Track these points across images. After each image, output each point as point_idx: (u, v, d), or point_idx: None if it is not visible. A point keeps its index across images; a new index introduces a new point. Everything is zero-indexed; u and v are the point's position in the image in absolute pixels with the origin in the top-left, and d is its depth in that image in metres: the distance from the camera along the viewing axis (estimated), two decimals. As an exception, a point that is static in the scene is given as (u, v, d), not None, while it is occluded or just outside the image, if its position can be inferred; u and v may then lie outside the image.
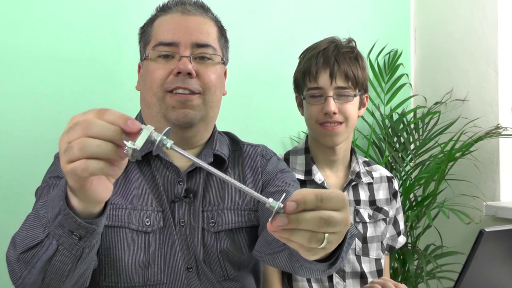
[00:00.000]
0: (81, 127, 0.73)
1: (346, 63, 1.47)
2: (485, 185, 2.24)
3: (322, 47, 1.51)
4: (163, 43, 1.16)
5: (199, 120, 1.18)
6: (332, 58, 1.47)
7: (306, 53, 1.55)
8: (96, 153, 0.71)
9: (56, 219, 0.81)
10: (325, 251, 0.76)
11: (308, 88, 1.50)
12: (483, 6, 2.26)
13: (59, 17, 1.67)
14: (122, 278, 1.10)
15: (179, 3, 1.21)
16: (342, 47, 1.51)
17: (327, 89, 1.47)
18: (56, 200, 0.82)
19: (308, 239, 0.69)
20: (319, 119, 1.49)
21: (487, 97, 2.25)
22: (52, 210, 0.82)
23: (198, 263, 1.16)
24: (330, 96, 1.46)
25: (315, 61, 1.48)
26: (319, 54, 1.49)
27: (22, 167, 1.60)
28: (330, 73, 1.46)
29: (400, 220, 1.64)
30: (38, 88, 1.63)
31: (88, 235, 0.82)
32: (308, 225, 0.68)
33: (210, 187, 1.21)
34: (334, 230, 0.71)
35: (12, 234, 1.62)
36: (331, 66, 1.46)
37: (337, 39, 1.55)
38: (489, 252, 1.06)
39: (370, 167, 1.63)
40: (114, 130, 0.72)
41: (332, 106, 1.45)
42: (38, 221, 0.86)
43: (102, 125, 0.72)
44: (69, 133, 0.74)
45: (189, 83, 1.14)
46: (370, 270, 1.53)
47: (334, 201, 0.70)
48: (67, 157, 0.73)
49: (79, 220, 0.80)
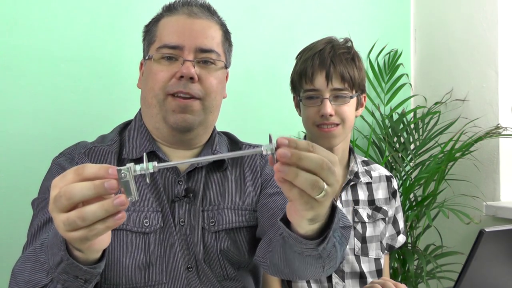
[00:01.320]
0: (65, 198, 0.72)
1: (343, 65, 1.47)
2: (485, 185, 2.24)
3: (319, 48, 1.50)
4: (168, 46, 1.15)
5: (198, 125, 1.18)
6: (328, 59, 1.47)
7: (303, 54, 1.55)
8: (97, 217, 0.72)
9: (59, 266, 0.81)
10: (319, 207, 0.76)
11: (305, 90, 1.49)
12: (483, 6, 2.26)
13: (59, 17, 1.67)
14: (123, 279, 1.11)
15: (185, 4, 1.21)
16: (338, 48, 1.50)
17: (323, 91, 1.46)
18: (55, 248, 0.82)
19: (311, 184, 0.71)
20: (316, 121, 1.48)
21: (487, 97, 2.25)
22: (53, 258, 0.82)
23: (198, 262, 1.16)
24: (326, 98, 1.46)
25: (311, 63, 1.48)
26: (315, 56, 1.48)
27: (22, 167, 1.60)
28: (326, 75, 1.46)
29: (400, 219, 1.64)
30: (38, 87, 1.63)
31: (93, 277, 0.84)
32: (311, 164, 0.71)
33: (209, 186, 1.21)
34: (331, 179, 0.73)
35: (12, 233, 1.63)
36: (327, 67, 1.46)
37: (334, 39, 1.54)
38: (489, 252, 1.06)
39: (369, 167, 1.63)
40: (97, 186, 0.71)
41: (328, 108, 1.45)
42: (39, 265, 0.86)
43: (83, 188, 0.71)
44: (58, 206, 0.73)
45: (191, 88, 1.14)
46: (370, 270, 1.53)
47: (326, 151, 0.74)
48: (70, 227, 0.73)
49: (84, 267, 0.81)
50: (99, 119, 1.71)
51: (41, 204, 1.11)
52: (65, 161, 1.16)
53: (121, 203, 0.71)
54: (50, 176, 1.16)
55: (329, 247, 0.92)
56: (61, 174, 0.74)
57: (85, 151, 1.18)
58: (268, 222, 1.16)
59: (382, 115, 2.35)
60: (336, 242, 0.94)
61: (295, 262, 1.00)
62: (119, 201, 0.71)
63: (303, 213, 0.78)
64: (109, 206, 0.71)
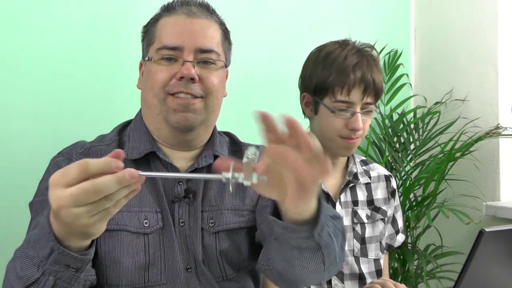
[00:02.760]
0: (94, 193, 0.72)
1: (378, 79, 1.45)
2: (485, 185, 2.24)
3: (355, 60, 1.44)
4: (167, 47, 1.15)
5: (200, 124, 1.18)
6: (369, 75, 1.44)
7: (328, 57, 1.47)
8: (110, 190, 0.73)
9: (50, 258, 0.81)
10: (312, 193, 0.81)
11: (337, 100, 1.44)
12: (483, 6, 2.26)
13: (59, 17, 1.67)
14: (123, 280, 1.10)
15: (184, 3, 1.20)
16: (371, 58, 1.47)
17: (356, 104, 1.44)
18: (43, 240, 0.82)
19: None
20: (343, 134, 1.45)
21: (487, 97, 2.25)
22: (42, 250, 0.82)
23: (197, 263, 1.15)
24: (358, 112, 1.44)
25: (353, 75, 1.42)
26: (355, 67, 1.43)
27: (22, 167, 1.60)
28: (364, 90, 1.43)
29: (399, 218, 1.63)
30: (38, 87, 1.63)
31: (85, 265, 0.84)
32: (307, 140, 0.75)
33: (209, 187, 1.21)
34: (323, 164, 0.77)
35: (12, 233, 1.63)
36: (366, 83, 1.43)
37: (361, 49, 1.49)
38: (489, 252, 1.06)
39: (368, 166, 1.61)
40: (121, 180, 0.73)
41: (361, 123, 1.44)
42: (29, 260, 0.85)
43: (109, 183, 0.72)
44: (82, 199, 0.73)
45: (192, 88, 1.14)
46: (369, 270, 1.52)
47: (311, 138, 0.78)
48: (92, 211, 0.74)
49: (75, 255, 0.81)
50: (99, 119, 1.71)
51: (39, 206, 1.10)
52: (63, 161, 1.16)
53: (132, 175, 0.72)
54: (48, 176, 1.15)
55: (325, 235, 0.92)
56: (61, 172, 0.74)
57: (83, 151, 1.18)
58: (269, 226, 1.15)
59: (382, 115, 2.35)
60: (331, 232, 0.95)
61: (295, 263, 0.99)
62: (131, 173, 0.72)
63: (298, 201, 0.83)
64: (123, 177, 0.71)
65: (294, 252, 0.96)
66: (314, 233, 0.89)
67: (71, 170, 0.72)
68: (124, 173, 0.71)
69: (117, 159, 0.72)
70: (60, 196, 0.73)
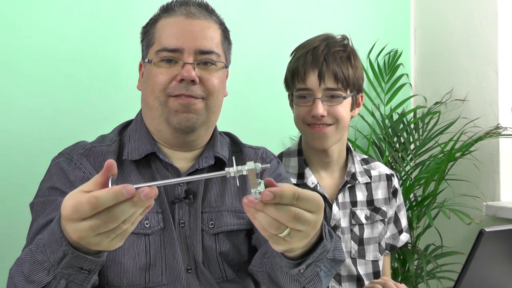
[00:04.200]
0: (111, 221, 0.73)
1: (336, 63, 1.42)
2: (485, 185, 2.24)
3: (313, 45, 1.45)
4: (167, 49, 1.15)
5: (201, 125, 1.18)
6: (321, 58, 1.41)
7: (297, 51, 1.50)
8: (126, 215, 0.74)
9: (62, 261, 0.81)
10: (288, 244, 0.79)
11: (297, 88, 1.45)
12: (483, 6, 2.26)
13: (59, 17, 1.66)
14: (124, 281, 1.10)
15: (183, 4, 1.19)
16: (334, 45, 1.45)
17: (315, 90, 1.42)
18: (53, 245, 0.81)
19: (268, 224, 0.74)
20: (307, 120, 1.44)
21: (487, 97, 2.25)
22: (53, 255, 0.82)
23: (197, 264, 1.15)
24: (318, 98, 1.41)
25: (304, 61, 1.43)
26: (308, 53, 1.44)
27: (22, 166, 1.60)
28: (318, 74, 1.41)
29: (402, 217, 1.61)
30: (38, 87, 1.63)
31: (98, 266, 0.84)
32: (275, 215, 0.74)
33: (210, 188, 1.21)
34: (300, 228, 0.76)
35: (12, 234, 1.62)
36: (319, 66, 1.41)
37: (330, 37, 1.49)
38: (489, 252, 1.06)
39: (369, 165, 1.59)
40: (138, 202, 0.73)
41: (320, 109, 1.41)
42: (38, 265, 0.85)
43: (126, 209, 0.73)
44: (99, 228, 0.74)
45: (192, 90, 1.14)
46: (366, 272, 1.51)
47: (310, 203, 0.76)
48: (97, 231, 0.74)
49: (90, 257, 0.81)
50: (99, 119, 1.71)
51: (40, 207, 1.10)
52: (63, 161, 1.16)
53: (147, 195, 0.72)
54: (49, 177, 1.16)
55: (308, 274, 0.93)
56: (72, 207, 0.73)
57: (84, 152, 1.17)
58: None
59: (382, 115, 2.35)
60: (321, 272, 0.95)
61: (278, 276, 1.01)
62: (145, 194, 0.71)
63: (272, 245, 0.81)
64: (139, 200, 0.72)
65: (278, 267, 0.98)
66: (294, 269, 0.91)
67: (83, 206, 0.72)
68: (138, 195, 0.71)
69: (127, 184, 0.71)
70: (79, 229, 0.73)
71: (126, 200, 0.71)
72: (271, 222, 0.74)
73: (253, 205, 0.73)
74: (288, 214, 0.74)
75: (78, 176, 1.12)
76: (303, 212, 0.75)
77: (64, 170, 1.14)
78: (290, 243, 0.79)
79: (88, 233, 0.73)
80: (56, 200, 1.08)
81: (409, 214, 2.15)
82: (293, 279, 0.96)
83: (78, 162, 1.15)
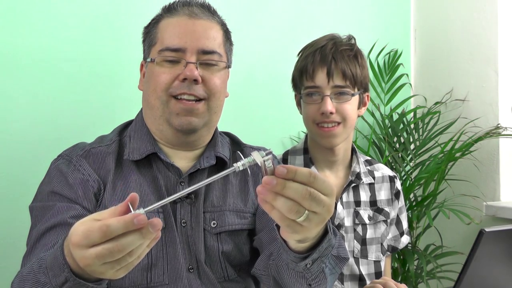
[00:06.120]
0: (119, 251, 0.72)
1: (344, 61, 1.44)
2: (485, 185, 2.24)
3: (320, 44, 1.48)
4: (170, 49, 1.15)
5: (203, 126, 1.18)
6: (330, 56, 1.44)
7: (304, 50, 1.52)
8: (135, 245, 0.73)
9: (64, 286, 0.81)
10: (305, 231, 0.78)
11: (305, 87, 1.47)
12: (483, 6, 2.26)
13: (59, 18, 1.66)
14: (126, 281, 1.10)
15: (185, 4, 1.19)
16: (341, 44, 1.47)
17: (324, 88, 1.44)
18: (55, 269, 0.81)
19: (288, 208, 0.73)
20: (316, 119, 1.46)
21: (487, 97, 2.25)
22: (55, 279, 0.81)
23: (199, 263, 1.15)
24: (327, 95, 1.43)
25: (312, 59, 1.45)
26: (316, 52, 1.46)
27: (22, 168, 1.60)
28: (327, 72, 1.43)
29: (403, 219, 1.62)
30: (38, 87, 1.63)
31: None
32: (293, 194, 0.73)
33: (212, 188, 1.21)
34: (317, 209, 0.75)
35: (12, 235, 1.62)
36: (328, 64, 1.43)
37: (336, 36, 1.52)
38: (489, 252, 1.06)
39: (372, 166, 1.60)
40: (146, 234, 0.73)
41: (329, 105, 1.42)
42: (40, 286, 0.85)
43: (135, 240, 0.73)
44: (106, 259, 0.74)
45: (195, 89, 1.14)
46: (369, 272, 1.51)
47: (325, 185, 0.76)
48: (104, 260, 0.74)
49: (91, 285, 0.80)
50: (99, 119, 1.71)
51: (39, 212, 1.10)
52: (63, 163, 1.16)
53: (155, 226, 0.72)
54: (48, 180, 1.15)
55: (314, 269, 0.93)
56: (82, 234, 0.73)
57: (83, 153, 1.17)
58: (268, 235, 1.16)
59: (382, 115, 2.35)
60: (327, 268, 0.95)
61: (284, 275, 1.01)
62: (153, 225, 0.72)
63: (287, 234, 0.81)
64: (147, 232, 0.72)
65: (283, 265, 0.98)
66: (301, 263, 0.91)
67: (93, 234, 0.72)
68: (147, 227, 0.71)
69: (138, 214, 0.71)
70: (85, 256, 0.73)
71: (134, 231, 0.71)
72: (291, 206, 0.73)
73: (271, 187, 0.72)
74: (306, 192, 0.73)
75: (77, 178, 1.12)
76: (318, 193, 0.75)
77: (63, 173, 1.14)
78: (307, 229, 0.78)
79: (94, 261, 0.73)
80: (55, 206, 1.08)
81: (409, 214, 2.15)
82: (299, 276, 0.96)
83: (78, 164, 1.15)
